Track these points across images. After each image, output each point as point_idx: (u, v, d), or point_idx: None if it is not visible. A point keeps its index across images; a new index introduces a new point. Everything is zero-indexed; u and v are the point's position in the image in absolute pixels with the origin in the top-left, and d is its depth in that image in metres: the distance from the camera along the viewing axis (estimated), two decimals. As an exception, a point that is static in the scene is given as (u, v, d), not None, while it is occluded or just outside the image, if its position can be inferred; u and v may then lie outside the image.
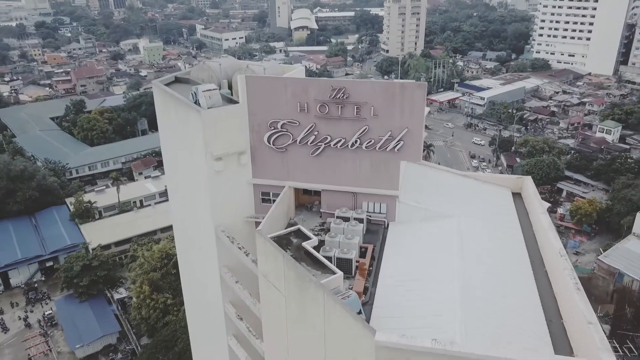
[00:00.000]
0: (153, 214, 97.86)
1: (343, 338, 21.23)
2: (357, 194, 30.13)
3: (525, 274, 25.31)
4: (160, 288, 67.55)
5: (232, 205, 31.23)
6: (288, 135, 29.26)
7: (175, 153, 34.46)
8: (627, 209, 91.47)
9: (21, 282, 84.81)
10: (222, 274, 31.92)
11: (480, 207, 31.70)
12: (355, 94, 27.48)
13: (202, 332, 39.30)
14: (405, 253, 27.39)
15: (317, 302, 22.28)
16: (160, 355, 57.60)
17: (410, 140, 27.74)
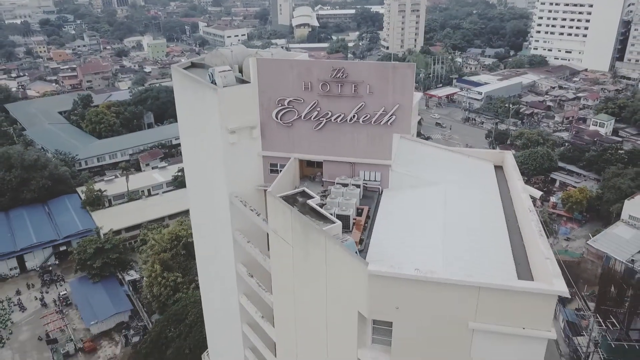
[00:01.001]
0: (161, 202, 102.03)
1: (342, 274, 25.16)
2: (355, 164, 33.98)
3: (499, 226, 29.22)
4: (171, 267, 71.55)
5: (244, 175, 35.09)
6: (294, 112, 33.11)
7: (192, 130, 38.36)
8: (616, 197, 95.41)
9: (36, 266, 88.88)
10: (235, 237, 35.81)
11: (465, 176, 35.58)
12: (353, 73, 31.34)
13: (215, 294, 43.17)
14: (397, 213, 31.28)
15: (319, 247, 26.25)
16: (172, 327, 61.53)
17: (401, 115, 31.56)
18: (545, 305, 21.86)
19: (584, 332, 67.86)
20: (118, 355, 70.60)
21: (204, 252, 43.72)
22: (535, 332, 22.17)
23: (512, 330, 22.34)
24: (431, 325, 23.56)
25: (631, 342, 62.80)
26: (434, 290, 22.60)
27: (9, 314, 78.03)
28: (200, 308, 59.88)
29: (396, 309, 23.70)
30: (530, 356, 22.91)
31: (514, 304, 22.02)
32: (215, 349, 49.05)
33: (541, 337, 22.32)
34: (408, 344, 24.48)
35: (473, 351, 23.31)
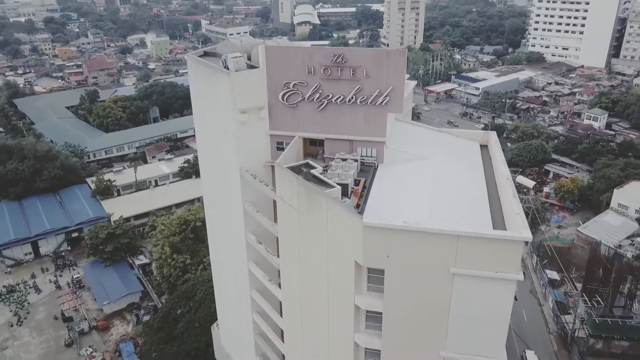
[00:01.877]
0: (168, 192, 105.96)
1: (341, 229, 29.01)
2: (353, 141, 37.78)
3: (481, 191, 33.08)
4: (180, 250, 75.42)
5: (253, 152, 38.88)
6: (298, 94, 36.90)
7: (206, 111, 42.15)
8: (606, 186, 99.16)
9: (50, 251, 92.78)
10: (245, 207, 39.65)
11: (453, 152, 39.42)
12: (352, 59, 35.13)
13: (225, 264, 47.05)
14: (390, 183, 35.12)
15: (321, 208, 30.12)
16: (182, 303, 65.38)
17: (394, 96, 35.33)
18: (514, 250, 25.73)
19: (572, 311, 71.58)
20: (130, 333, 74.44)
21: (215, 224, 47.60)
22: (506, 275, 26.06)
23: (486, 273, 26.23)
24: (417, 271, 27.45)
25: (614, 318, 66.47)
26: (419, 239, 26.48)
27: (25, 296, 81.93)
28: (209, 286, 64.12)
29: (387, 257, 27.62)
30: (502, 296, 26.81)
31: (488, 250, 25.89)
32: (224, 318, 52.97)
33: (511, 279, 26.23)
34: (398, 289, 28.37)
35: (454, 293, 27.18)
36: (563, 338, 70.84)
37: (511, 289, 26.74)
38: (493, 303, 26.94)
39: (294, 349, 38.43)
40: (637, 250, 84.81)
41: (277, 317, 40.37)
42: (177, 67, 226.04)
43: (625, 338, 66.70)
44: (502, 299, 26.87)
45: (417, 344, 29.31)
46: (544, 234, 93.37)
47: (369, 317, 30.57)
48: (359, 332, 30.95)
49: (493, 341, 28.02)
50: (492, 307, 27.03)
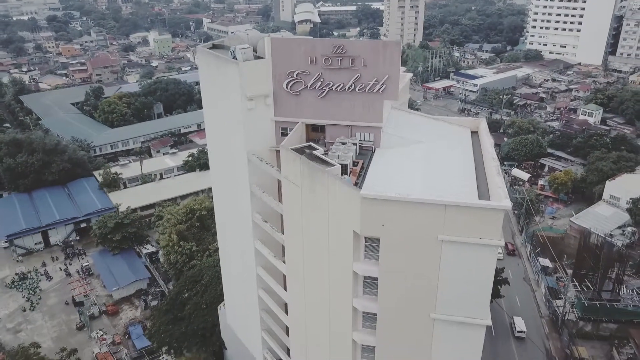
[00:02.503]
0: (173, 184, 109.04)
1: (340, 202, 31.98)
2: (352, 127, 40.71)
3: (469, 169, 35.98)
4: (186, 237, 78.39)
5: (259, 137, 41.80)
6: (301, 82, 39.82)
7: (215, 100, 45.12)
8: (598, 179, 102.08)
9: (59, 241, 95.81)
10: (252, 189, 42.62)
11: (445, 137, 42.35)
12: (351, 49, 38.04)
13: (233, 243, 50.01)
14: (386, 164, 38.04)
15: (323, 184, 33.12)
16: (189, 286, 68.32)
17: (390, 84, 38.25)
18: (495, 218, 28.71)
19: (562, 296, 74.54)
20: (138, 317, 77.48)
21: (223, 207, 50.63)
22: (488, 241, 29.04)
23: (471, 240, 29.22)
24: (409, 239, 30.44)
25: (602, 302, 69.57)
26: (410, 209, 29.48)
27: (37, 283, 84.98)
28: (215, 271, 67.17)
29: (382, 227, 30.63)
30: (486, 260, 29.82)
31: (472, 219, 28.86)
32: (231, 297, 56.01)
33: (493, 245, 29.20)
34: (392, 256, 31.37)
35: (442, 259, 30.17)
36: (554, 321, 73.76)
37: (493, 253, 29.74)
38: (477, 267, 29.92)
39: (298, 320, 41.43)
40: (627, 239, 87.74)
41: (281, 291, 43.36)
42: (180, 65, 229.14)
43: (613, 320, 69.79)
44: (485, 263, 29.88)
45: (410, 307, 32.29)
46: (538, 224, 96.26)
47: (366, 283, 33.57)
48: (357, 297, 33.95)
49: (478, 303, 31.02)
50: (477, 270, 30.02)
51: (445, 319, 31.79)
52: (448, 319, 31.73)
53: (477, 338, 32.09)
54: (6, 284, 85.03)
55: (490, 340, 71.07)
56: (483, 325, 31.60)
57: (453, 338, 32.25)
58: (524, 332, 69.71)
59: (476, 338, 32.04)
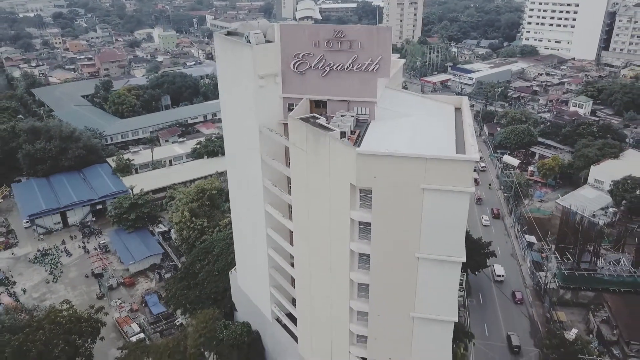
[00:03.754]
0: (182, 170, 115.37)
1: (340, 160, 38.14)
2: (350, 102, 46.71)
3: (450, 134, 42.03)
4: (198, 215, 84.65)
5: (269, 111, 47.90)
6: (306, 63, 45.82)
7: (230, 79, 51.29)
8: (584, 164, 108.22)
9: (77, 221, 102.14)
10: (263, 158, 48.82)
11: (432, 111, 48.48)
12: (349, 34, 44.05)
13: (244, 209, 56.17)
14: (379, 132, 44.13)
15: (325, 146, 39.29)
16: (201, 257, 74.55)
17: (383, 64, 44.23)
18: (467, 169, 34.94)
19: (545, 268, 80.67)
20: (153, 288, 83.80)
21: (236, 177, 56.91)
22: (462, 188, 35.23)
23: (447, 187, 35.39)
24: (397, 188, 36.63)
25: (581, 271, 75.73)
26: (397, 162, 35.71)
27: (58, 258, 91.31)
28: (225, 243, 73.57)
29: (374, 178, 36.85)
30: (459, 205, 35.99)
31: (448, 170, 35.06)
32: (242, 260, 62.23)
33: (465, 192, 35.39)
34: (382, 204, 37.58)
35: (424, 205, 36.36)
36: (537, 291, 79.97)
37: (466, 199, 35.92)
38: (453, 211, 36.11)
39: (303, 270, 47.62)
40: (609, 219, 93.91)
41: (288, 247, 49.60)
42: (185, 60, 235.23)
43: (590, 289, 75.87)
44: (459, 207, 36.07)
45: (398, 247, 38.47)
46: (526, 206, 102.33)
47: (361, 229, 39.75)
48: (353, 241, 40.15)
49: (454, 242, 37.23)
50: (452, 214, 36.21)
51: (427, 257, 37.98)
52: (430, 257, 37.91)
53: (454, 273, 38.32)
54: (29, 260, 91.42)
55: (478, 304, 77.71)
56: (459, 262, 37.81)
57: (434, 273, 38.42)
58: (503, 276, 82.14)
59: (453, 273, 38.28)
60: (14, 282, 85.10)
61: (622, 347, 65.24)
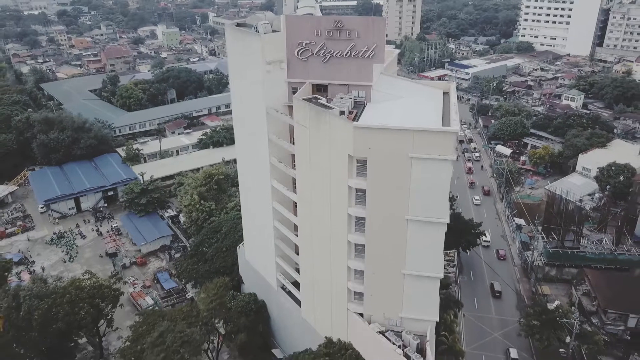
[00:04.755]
0: (189, 159, 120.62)
1: (338, 133, 43.36)
2: (349, 85, 51.87)
3: (438, 112, 47.15)
4: (206, 198, 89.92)
5: (276, 94, 53.02)
6: (309, 50, 50.96)
7: (240, 65, 56.49)
8: (573, 153, 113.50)
9: (89, 207, 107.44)
10: (270, 137, 54.02)
11: (422, 94, 53.65)
12: (348, 24, 49.17)
13: (252, 185, 61.36)
14: (375, 112, 49.32)
15: (326, 122, 44.52)
16: (210, 235, 79.79)
17: (378, 51, 49.38)
18: (449, 139, 40.16)
19: (532, 247, 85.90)
20: (164, 266, 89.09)
21: (244, 155, 62.17)
22: (445, 156, 40.45)
23: (432, 156, 40.60)
24: (388, 157, 41.86)
25: (564, 249, 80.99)
26: (389, 134, 40.96)
27: (73, 240, 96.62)
28: (232, 223, 78.88)
29: (369, 149, 42.07)
30: (442, 171, 41.21)
31: (432, 140, 40.31)
32: (249, 234, 67.45)
33: (448, 159, 40.62)
34: (376, 172, 42.81)
35: (412, 172, 41.58)
36: (525, 269, 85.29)
37: (448, 167, 41.13)
38: (437, 177, 41.32)
39: (306, 236, 52.86)
40: (595, 203, 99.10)
41: (292, 217, 54.84)
42: (188, 56, 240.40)
43: (574, 266, 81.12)
44: (442, 173, 41.29)
45: (390, 211, 43.68)
46: (517, 193, 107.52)
47: (357, 195, 44.99)
48: (351, 207, 45.40)
49: (439, 205, 42.48)
50: (437, 179, 41.43)
51: (416, 219, 43.21)
52: (418, 219, 43.15)
53: (439, 234, 43.56)
54: (46, 241, 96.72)
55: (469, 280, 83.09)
56: (443, 223, 43.05)
57: (422, 234, 43.64)
58: (489, 242, 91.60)
59: (439, 233, 43.52)
60: (33, 262, 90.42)
61: (600, 316, 70.54)
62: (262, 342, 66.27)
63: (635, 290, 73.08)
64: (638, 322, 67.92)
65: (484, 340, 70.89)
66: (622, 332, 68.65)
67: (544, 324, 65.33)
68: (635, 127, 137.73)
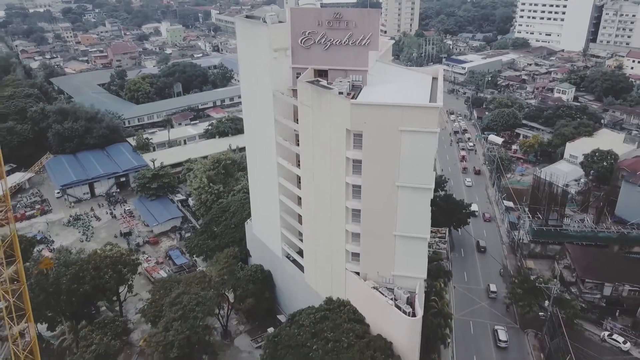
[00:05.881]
0: (196, 148, 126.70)
1: (337, 111, 49.45)
2: (347, 70, 57.87)
3: (426, 93, 53.20)
4: (214, 181, 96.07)
5: (281, 79, 58.99)
6: (311, 39, 56.91)
7: (249, 53, 62.49)
8: (561, 142, 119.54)
9: (103, 192, 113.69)
10: (276, 117, 60.10)
11: (413, 79, 59.72)
12: (346, 15, 55.16)
13: (259, 162, 67.44)
14: (370, 93, 55.42)
15: (326, 101, 50.62)
16: (219, 214, 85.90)
17: (373, 39, 55.33)
18: (433, 114, 46.23)
19: (519, 226, 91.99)
20: (175, 245, 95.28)
21: (252, 135, 68.22)
22: (430, 129, 46.54)
23: (419, 128, 46.69)
24: (381, 131, 47.95)
25: (548, 227, 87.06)
26: (382, 109, 47.07)
27: (89, 222, 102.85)
28: (240, 203, 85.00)
29: (364, 123, 48.17)
30: (428, 142, 47.30)
31: (419, 115, 46.39)
32: (257, 209, 73.55)
33: (433, 132, 46.70)
34: (370, 143, 48.90)
35: (402, 143, 47.67)
36: (512, 247, 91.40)
37: (433, 138, 47.19)
38: (423, 147, 47.41)
39: (308, 206, 58.94)
40: (580, 187, 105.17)
41: (296, 190, 60.95)
42: (192, 52, 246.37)
43: (557, 243, 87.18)
44: (428, 144, 47.38)
45: (382, 178, 49.75)
46: (508, 178, 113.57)
47: (354, 165, 51.10)
48: (348, 176, 51.53)
49: (425, 173, 48.57)
50: (423, 150, 47.52)
51: (405, 185, 49.27)
52: (407, 185, 49.22)
53: (426, 198, 49.64)
54: (64, 223, 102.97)
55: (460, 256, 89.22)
56: (429, 189, 49.15)
57: (410, 199, 49.70)
58: (477, 211, 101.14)
59: (425, 198, 49.60)
60: (52, 241, 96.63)
61: (578, 286, 76.64)
62: (268, 307, 72.50)
63: (612, 262, 79.25)
64: (613, 290, 74.04)
65: (472, 308, 77.07)
66: (599, 299, 74.79)
67: (526, 291, 71.53)
68: (623, 118, 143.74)
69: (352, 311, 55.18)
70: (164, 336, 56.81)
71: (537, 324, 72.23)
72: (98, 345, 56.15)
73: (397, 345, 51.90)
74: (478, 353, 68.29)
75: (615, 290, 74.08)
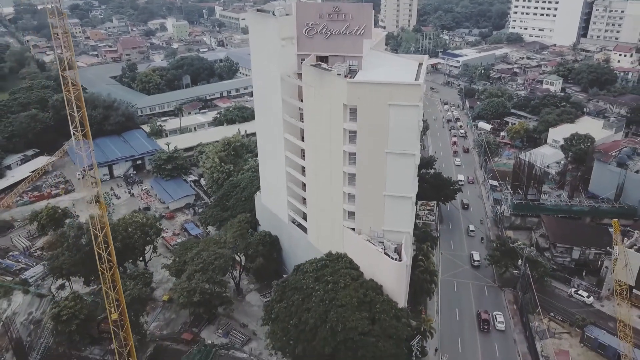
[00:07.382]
0: (207, 134, 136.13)
1: (336, 88, 58.84)
2: (345, 56, 67.23)
3: (413, 74, 62.52)
4: (225, 161, 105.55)
5: (288, 64, 68.26)
6: (314, 29, 66.22)
7: (260, 42, 71.90)
8: (545, 128, 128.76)
9: (121, 174, 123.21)
10: (284, 97, 69.48)
11: (402, 64, 69.01)
12: (344, 9, 64.47)
13: (268, 137, 76.81)
14: (364, 76, 64.73)
15: (327, 81, 60.03)
16: (230, 189, 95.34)
17: (367, 29, 64.66)
18: (417, 91, 55.66)
19: (501, 201, 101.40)
20: (190, 219, 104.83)
21: (262, 113, 77.64)
22: (414, 103, 55.95)
23: (405, 103, 56.11)
24: (373, 105, 57.37)
25: (527, 201, 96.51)
26: (374, 87, 56.52)
27: (110, 199, 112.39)
28: (249, 180, 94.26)
29: (359, 99, 57.62)
30: (412, 114, 56.71)
31: (405, 91, 55.82)
32: (265, 180, 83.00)
33: (417, 105, 56.12)
34: (364, 116, 58.32)
35: (390, 115, 57.09)
36: (496, 220, 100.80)
37: (417, 111, 56.55)
38: (408, 119, 56.79)
39: (311, 174, 68.42)
40: (559, 168, 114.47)
41: (300, 161, 70.36)
42: (198, 47, 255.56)
43: (535, 215, 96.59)
44: (412, 116, 56.75)
45: (374, 146, 59.14)
46: (494, 161, 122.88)
47: (350, 136, 60.52)
48: (345, 144, 60.97)
49: (410, 142, 57.98)
50: (408, 121, 56.89)
51: (393, 152, 58.69)
52: (394, 152, 58.62)
53: (411, 163, 59.09)
54: (86, 201, 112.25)
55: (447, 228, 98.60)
56: (413, 154, 58.57)
57: (397, 163, 59.10)
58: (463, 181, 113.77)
59: (410, 162, 59.05)
60: (77, 216, 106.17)
61: (551, 250, 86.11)
62: (275, 268, 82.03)
63: (580, 230, 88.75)
64: (580, 253, 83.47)
65: (456, 270, 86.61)
66: (568, 262, 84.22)
67: (503, 253, 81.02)
68: (606, 107, 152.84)
69: (349, 261, 64.61)
70: (188, 284, 66.45)
71: (512, 283, 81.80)
72: (132, 290, 65.64)
73: (387, 288, 61.38)
74: (460, 305, 77.92)
75: (583, 254, 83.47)
